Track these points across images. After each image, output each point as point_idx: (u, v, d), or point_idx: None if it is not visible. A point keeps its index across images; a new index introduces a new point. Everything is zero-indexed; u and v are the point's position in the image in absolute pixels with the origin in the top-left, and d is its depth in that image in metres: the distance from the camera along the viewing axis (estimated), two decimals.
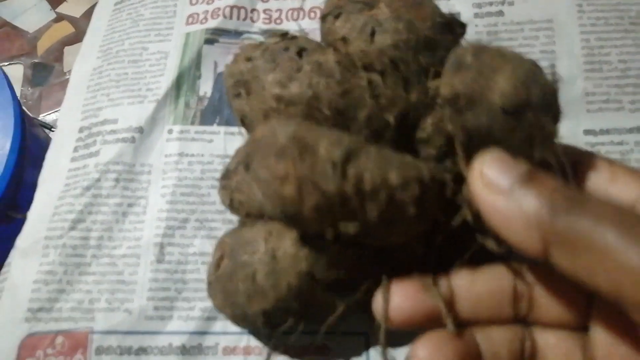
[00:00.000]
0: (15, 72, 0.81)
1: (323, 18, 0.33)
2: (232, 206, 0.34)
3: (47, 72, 0.82)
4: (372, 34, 0.31)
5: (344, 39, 0.32)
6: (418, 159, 0.29)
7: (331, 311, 0.31)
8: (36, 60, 0.80)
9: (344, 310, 0.31)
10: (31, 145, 0.52)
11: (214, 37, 0.48)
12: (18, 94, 0.56)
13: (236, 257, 0.31)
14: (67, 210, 0.41)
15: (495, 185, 0.23)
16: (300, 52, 0.31)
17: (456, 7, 0.48)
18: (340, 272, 0.30)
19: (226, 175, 0.34)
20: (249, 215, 0.33)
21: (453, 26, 0.33)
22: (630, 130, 0.42)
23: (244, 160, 0.28)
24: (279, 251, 0.30)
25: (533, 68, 0.26)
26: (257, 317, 0.31)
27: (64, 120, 0.46)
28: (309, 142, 0.25)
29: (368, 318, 0.30)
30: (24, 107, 0.54)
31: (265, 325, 0.31)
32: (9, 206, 0.48)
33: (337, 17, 0.32)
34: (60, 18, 0.83)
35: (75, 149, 0.44)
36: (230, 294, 0.32)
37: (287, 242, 0.30)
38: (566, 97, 0.37)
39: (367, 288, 0.30)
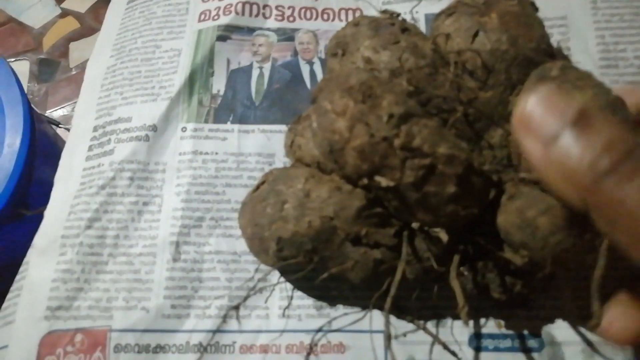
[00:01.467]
0: (22, 68, 0.81)
1: (437, 16, 0.35)
2: (290, 148, 0.34)
3: (53, 68, 0.82)
4: (475, 35, 0.32)
5: (448, 36, 0.33)
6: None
7: (344, 267, 0.32)
8: (42, 56, 0.80)
9: (354, 265, 0.32)
10: (40, 141, 0.52)
11: (226, 33, 0.48)
12: (25, 90, 0.56)
13: (274, 185, 0.33)
14: (83, 209, 0.41)
15: (539, 130, 0.19)
16: (403, 30, 0.33)
17: None
18: (362, 229, 0.31)
19: (297, 119, 0.35)
20: (301, 161, 0.34)
21: (556, 57, 0.34)
22: None
23: (314, 94, 0.30)
24: (314, 193, 0.31)
25: (614, 100, 0.27)
26: (271, 242, 0.32)
27: (79, 119, 0.46)
28: (375, 92, 0.27)
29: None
30: (31, 104, 0.54)
31: (276, 253, 0.32)
32: (20, 203, 0.48)
33: (449, 15, 0.34)
34: (65, 14, 0.83)
35: (90, 148, 0.44)
36: (257, 214, 0.33)
37: (323, 188, 0.31)
38: None
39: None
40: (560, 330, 0.36)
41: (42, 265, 0.40)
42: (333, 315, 0.38)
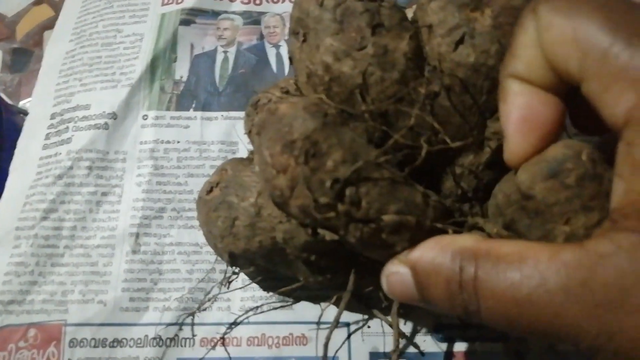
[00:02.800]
0: None
1: None
2: (248, 136, 0.33)
3: (27, 58, 0.79)
4: (460, 41, 0.27)
5: (430, 28, 0.28)
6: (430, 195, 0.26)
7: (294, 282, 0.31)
8: (15, 46, 0.78)
9: (306, 279, 0.31)
10: (9, 133, 0.50)
11: (190, 17, 0.46)
12: None
13: (226, 194, 0.31)
14: (39, 199, 0.40)
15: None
16: (374, 28, 0.27)
17: None
18: (312, 256, 0.29)
19: (254, 105, 0.32)
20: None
21: None
22: None
23: (259, 124, 0.26)
24: (266, 210, 0.30)
25: None
26: (224, 254, 0.31)
27: (36, 106, 0.45)
28: (321, 149, 0.24)
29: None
30: (2, 94, 0.52)
31: (229, 263, 0.32)
32: None
33: None
34: (39, 1, 0.80)
35: (47, 136, 0.42)
36: (210, 222, 0.32)
37: (275, 208, 0.28)
38: None
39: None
40: None
41: None
42: (295, 307, 0.37)
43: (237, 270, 0.33)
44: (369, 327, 0.36)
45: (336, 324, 0.28)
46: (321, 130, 0.24)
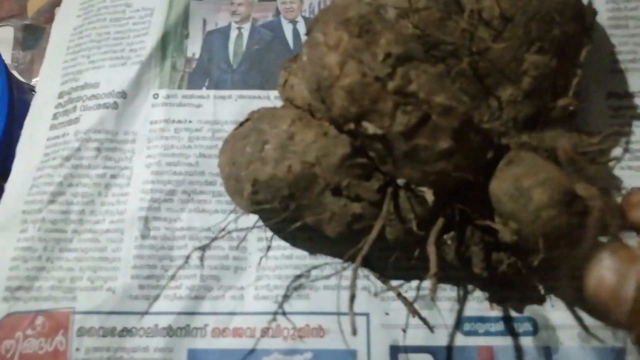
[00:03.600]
0: (6, 35, 0.77)
1: None
2: (283, 87, 0.33)
3: (39, 35, 0.78)
4: None
5: None
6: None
7: (321, 218, 0.30)
8: (27, 22, 0.76)
9: (332, 217, 0.30)
10: (21, 111, 0.49)
11: None
12: (9, 57, 0.53)
13: (258, 124, 0.31)
14: (46, 182, 0.38)
15: None
16: None
17: None
18: (344, 180, 0.29)
19: (293, 57, 0.33)
20: (292, 102, 0.32)
21: (584, 14, 0.32)
22: None
23: (309, 26, 0.28)
24: (298, 136, 0.29)
25: None
26: (247, 183, 0.30)
27: (43, 86, 0.43)
28: (375, 28, 0.25)
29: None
30: (15, 72, 0.51)
31: (250, 196, 0.31)
32: (0, 174, 0.45)
33: None
34: None
35: (55, 116, 0.41)
36: (236, 152, 0.31)
37: (309, 132, 0.29)
38: (588, 56, 0.33)
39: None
40: (555, 313, 0.33)
41: (1, 242, 0.37)
42: (312, 297, 0.35)
43: (254, 207, 0.31)
44: (387, 314, 0.34)
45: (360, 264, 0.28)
46: (375, 14, 0.26)
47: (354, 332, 0.27)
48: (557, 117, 0.32)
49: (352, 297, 0.27)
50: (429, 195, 0.27)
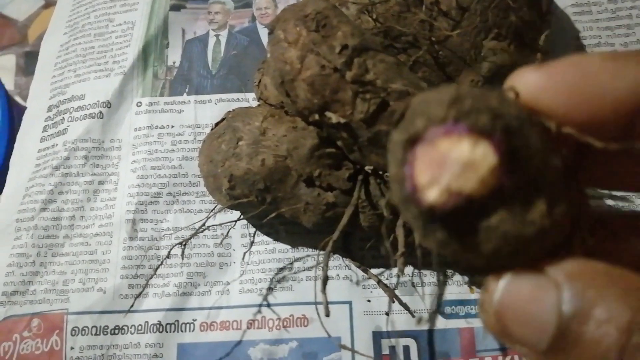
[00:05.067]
0: (8, 62, 0.80)
1: None
2: (257, 87, 0.35)
3: None
4: None
5: None
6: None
7: (296, 208, 0.31)
8: (28, 49, 0.79)
9: (306, 207, 0.31)
10: None
11: (180, 2, 0.46)
12: (12, 83, 0.55)
13: (232, 122, 0.32)
14: (38, 191, 0.40)
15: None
16: None
17: None
18: (315, 170, 0.30)
19: (265, 59, 0.35)
20: (266, 101, 0.34)
21: (540, 2, 0.33)
22: None
23: (271, 25, 0.29)
24: (270, 131, 0.31)
25: None
26: (224, 179, 0.32)
27: (33, 101, 0.45)
28: (331, 22, 0.26)
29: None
30: (17, 97, 0.53)
31: (228, 191, 0.32)
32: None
33: None
34: (49, 4, 0.80)
35: (45, 129, 0.43)
36: (213, 150, 0.32)
37: (281, 127, 0.30)
38: (554, 42, 0.35)
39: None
40: None
41: None
42: (295, 289, 0.36)
43: (232, 202, 0.33)
44: (368, 301, 0.35)
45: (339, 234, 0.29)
46: (332, 9, 0.27)
47: (327, 314, 0.28)
48: None
49: (325, 280, 0.29)
50: None
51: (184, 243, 0.33)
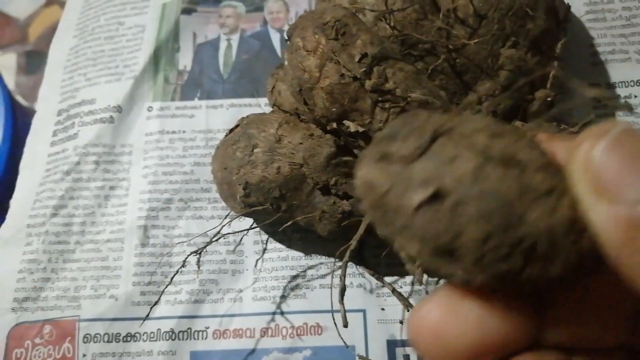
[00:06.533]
0: (9, 61, 0.79)
1: None
2: (271, 94, 0.34)
3: (40, 59, 0.80)
4: None
5: None
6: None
7: (312, 216, 0.31)
8: (29, 48, 0.78)
9: (322, 216, 0.31)
10: (24, 134, 0.50)
11: (191, 6, 0.45)
12: (13, 83, 0.55)
13: (247, 128, 0.32)
14: (48, 196, 0.39)
15: (615, 197, 0.12)
16: None
17: None
18: (331, 178, 0.30)
19: (280, 65, 0.34)
20: (280, 108, 0.33)
21: (557, 8, 0.33)
22: (639, 83, 0.39)
23: (289, 32, 0.29)
24: (286, 138, 0.30)
25: None
26: (239, 187, 0.31)
27: (43, 104, 0.44)
28: (351, 30, 0.26)
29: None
30: (19, 96, 0.53)
31: (243, 199, 0.32)
32: (6, 195, 0.47)
33: None
34: (50, 2, 0.80)
35: (54, 133, 0.42)
36: (227, 157, 0.32)
37: (296, 134, 0.30)
38: (568, 50, 0.34)
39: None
40: None
41: (7, 256, 0.38)
42: (308, 297, 0.36)
43: (247, 210, 0.32)
44: (382, 309, 0.35)
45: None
46: (351, 17, 0.27)
47: (345, 324, 0.28)
48: (535, 109, 0.33)
49: (343, 290, 0.28)
50: None
51: (199, 252, 0.33)
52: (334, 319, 0.31)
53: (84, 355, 0.35)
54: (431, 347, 0.15)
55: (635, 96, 0.38)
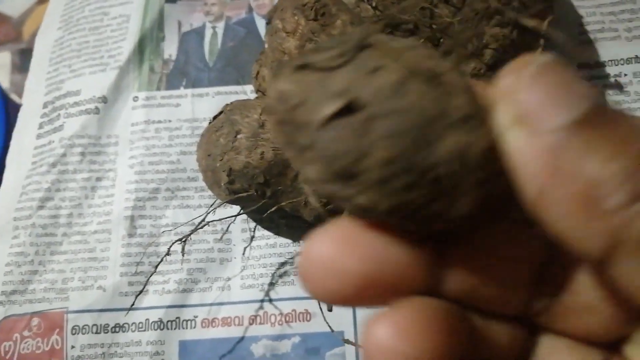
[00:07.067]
0: (3, 59, 0.79)
1: None
2: (255, 79, 0.34)
3: None
4: None
5: None
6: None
7: (297, 201, 0.31)
8: (23, 47, 0.78)
9: (307, 200, 0.31)
10: None
11: None
12: (7, 81, 0.54)
13: (230, 115, 0.32)
14: (35, 189, 0.39)
15: (537, 125, 0.12)
16: None
17: None
18: None
19: (263, 50, 0.34)
20: (264, 93, 0.33)
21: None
22: (628, 61, 0.38)
23: (269, 15, 0.29)
24: (270, 124, 0.30)
25: None
26: (223, 173, 0.31)
27: (29, 98, 0.44)
28: (330, 10, 0.26)
29: None
30: (13, 95, 0.52)
31: (227, 185, 0.31)
32: None
33: None
34: (44, 0, 0.80)
35: (40, 125, 0.42)
36: (211, 144, 0.32)
37: None
38: (555, 28, 0.34)
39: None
40: None
41: None
42: (297, 283, 0.36)
43: (231, 196, 0.32)
44: None
45: None
46: None
47: (330, 308, 0.28)
48: None
49: None
50: None
51: (184, 240, 0.33)
52: (319, 305, 0.31)
53: (73, 347, 0.35)
54: (320, 281, 0.13)
55: (625, 74, 0.38)
